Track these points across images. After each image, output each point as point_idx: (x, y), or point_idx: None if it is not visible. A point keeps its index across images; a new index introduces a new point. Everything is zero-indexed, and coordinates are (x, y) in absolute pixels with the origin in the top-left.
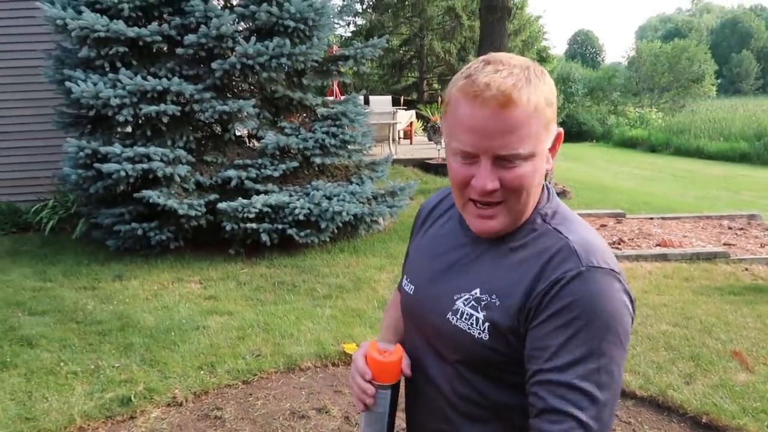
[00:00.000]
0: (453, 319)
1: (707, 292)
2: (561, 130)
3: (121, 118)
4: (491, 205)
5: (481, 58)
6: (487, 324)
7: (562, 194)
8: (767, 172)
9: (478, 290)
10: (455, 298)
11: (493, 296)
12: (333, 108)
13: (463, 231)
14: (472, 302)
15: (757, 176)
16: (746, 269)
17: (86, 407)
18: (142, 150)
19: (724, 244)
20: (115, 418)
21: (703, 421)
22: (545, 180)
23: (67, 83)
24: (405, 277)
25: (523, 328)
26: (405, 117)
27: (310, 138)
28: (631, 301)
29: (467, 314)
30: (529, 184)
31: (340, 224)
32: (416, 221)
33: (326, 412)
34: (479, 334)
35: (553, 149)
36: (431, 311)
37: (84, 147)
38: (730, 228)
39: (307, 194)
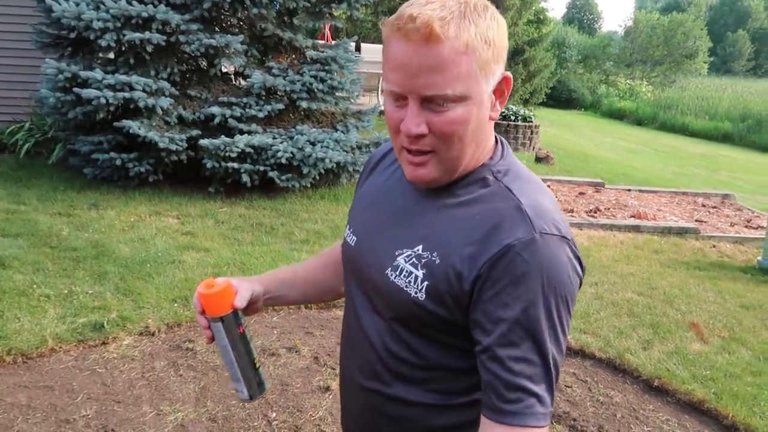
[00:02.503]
0: (392, 275)
1: (674, 265)
2: (508, 74)
3: (103, 43)
4: (422, 153)
5: None
6: (425, 283)
7: (545, 159)
8: (747, 154)
9: (420, 247)
10: (396, 254)
11: (434, 254)
12: (323, 52)
13: (411, 182)
14: (413, 259)
15: (736, 157)
16: (714, 246)
17: (58, 330)
18: (124, 78)
19: (696, 221)
20: (87, 343)
21: (655, 384)
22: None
23: (48, 0)
24: (348, 226)
25: (467, 293)
26: None
27: (298, 81)
28: (581, 266)
29: (407, 271)
30: (461, 131)
31: (323, 171)
32: (365, 168)
33: (296, 352)
34: (416, 293)
35: (500, 95)
36: (371, 265)
37: (63, 70)
38: (703, 205)
39: (291, 138)
